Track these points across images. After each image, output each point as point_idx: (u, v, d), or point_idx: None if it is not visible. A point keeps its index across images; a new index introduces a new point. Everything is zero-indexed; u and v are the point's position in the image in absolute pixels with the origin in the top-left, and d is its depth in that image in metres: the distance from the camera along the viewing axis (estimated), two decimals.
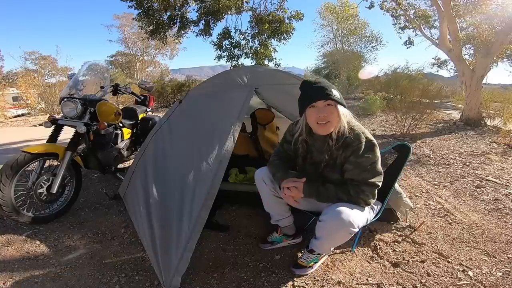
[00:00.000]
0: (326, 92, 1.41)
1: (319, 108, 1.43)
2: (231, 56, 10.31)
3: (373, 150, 1.46)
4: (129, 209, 2.17)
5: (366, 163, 1.45)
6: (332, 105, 1.42)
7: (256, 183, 1.76)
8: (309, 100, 1.45)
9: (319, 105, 1.43)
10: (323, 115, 1.42)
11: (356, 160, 1.45)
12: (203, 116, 2.17)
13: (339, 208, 1.43)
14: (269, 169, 1.72)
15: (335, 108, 1.42)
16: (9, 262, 1.76)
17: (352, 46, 20.56)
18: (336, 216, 1.41)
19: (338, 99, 1.42)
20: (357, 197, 1.46)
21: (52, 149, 2.20)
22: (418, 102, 5.82)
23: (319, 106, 1.43)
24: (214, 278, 1.61)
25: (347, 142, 1.46)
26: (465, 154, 4.22)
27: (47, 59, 24.41)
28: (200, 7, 8.96)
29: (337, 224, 1.42)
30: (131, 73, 27.65)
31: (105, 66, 3.28)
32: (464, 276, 1.63)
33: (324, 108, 1.42)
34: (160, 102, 12.26)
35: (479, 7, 7.62)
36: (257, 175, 1.74)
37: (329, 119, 1.43)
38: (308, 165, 1.63)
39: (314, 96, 1.43)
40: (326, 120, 1.43)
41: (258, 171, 1.76)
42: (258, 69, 3.10)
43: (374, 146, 1.47)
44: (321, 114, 1.42)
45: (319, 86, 1.44)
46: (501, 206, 2.51)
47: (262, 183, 1.70)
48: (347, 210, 1.41)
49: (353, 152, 1.45)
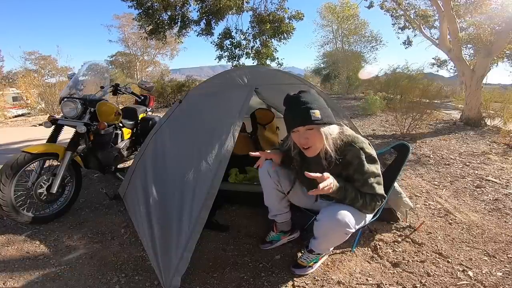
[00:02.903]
0: (305, 117, 1.35)
1: (300, 133, 1.40)
2: (232, 56, 10.31)
3: (375, 163, 1.44)
4: (129, 209, 2.17)
5: (373, 176, 1.42)
6: (313, 129, 1.37)
7: (259, 176, 1.74)
8: (289, 125, 1.44)
9: (300, 130, 1.39)
10: (303, 140, 1.39)
11: (363, 177, 1.41)
12: (203, 116, 2.17)
13: (336, 208, 1.43)
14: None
15: (317, 132, 1.37)
16: (9, 262, 1.76)
17: (352, 46, 20.54)
18: (332, 216, 1.41)
19: (319, 121, 1.35)
20: (369, 205, 1.43)
21: (52, 149, 2.20)
22: (418, 102, 5.83)
23: (300, 131, 1.40)
24: (214, 278, 1.61)
25: (346, 161, 1.41)
26: (465, 154, 4.21)
27: (47, 59, 24.43)
28: (201, 7, 8.97)
29: (333, 224, 1.42)
30: (131, 73, 27.66)
31: (105, 66, 3.28)
32: (464, 276, 1.63)
33: (305, 133, 1.38)
34: (160, 102, 12.26)
35: (479, 7, 7.62)
36: (262, 169, 1.71)
37: (310, 144, 1.39)
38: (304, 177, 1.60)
39: (294, 121, 1.40)
40: (307, 145, 1.40)
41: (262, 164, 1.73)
42: (258, 69, 3.11)
43: (375, 159, 1.44)
44: (302, 140, 1.40)
45: (300, 108, 1.37)
46: (501, 206, 2.51)
47: (267, 175, 1.68)
48: (343, 211, 1.41)
49: (355, 171, 1.41)
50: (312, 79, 20.86)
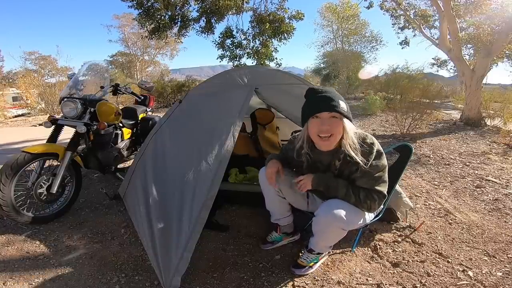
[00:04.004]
0: (332, 103, 1.32)
1: (323, 119, 1.34)
2: (233, 56, 10.32)
3: (381, 158, 1.42)
4: (129, 209, 2.17)
5: (375, 172, 1.40)
6: (337, 117, 1.33)
7: (260, 181, 1.74)
8: (313, 109, 1.36)
9: (323, 116, 1.34)
10: (326, 127, 1.33)
11: (366, 169, 1.38)
12: (203, 116, 2.17)
13: (333, 204, 1.42)
14: (266, 161, 1.70)
15: (340, 121, 1.33)
16: (9, 262, 1.76)
17: (352, 46, 20.54)
18: (328, 211, 1.41)
19: (345, 112, 1.33)
20: (364, 202, 1.40)
21: (52, 149, 2.20)
22: (418, 102, 5.83)
23: (323, 117, 1.34)
24: (214, 278, 1.61)
25: (363, 152, 1.38)
26: (465, 154, 4.22)
27: (47, 59, 24.43)
28: (201, 6, 8.97)
29: (329, 219, 1.42)
30: (131, 73, 27.65)
31: (105, 66, 3.28)
32: (464, 276, 1.63)
33: (328, 120, 1.33)
34: (160, 102, 12.25)
35: (479, 7, 7.62)
36: (262, 174, 1.71)
37: (333, 132, 1.34)
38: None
39: (319, 106, 1.34)
40: (329, 132, 1.34)
41: (262, 170, 1.73)
42: (258, 69, 3.11)
43: (382, 154, 1.43)
44: (324, 126, 1.33)
45: (326, 96, 1.35)
46: (501, 206, 2.51)
47: (267, 181, 1.69)
48: (340, 206, 1.41)
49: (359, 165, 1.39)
50: (312, 79, 20.85)
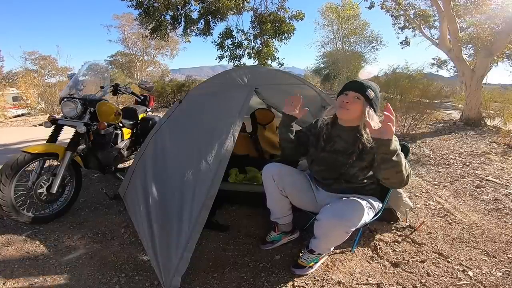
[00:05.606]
0: (361, 87, 1.48)
1: (348, 97, 1.51)
2: (233, 56, 10.31)
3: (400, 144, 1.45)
4: (129, 209, 2.17)
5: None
6: (360, 99, 1.47)
7: (263, 179, 1.74)
8: (344, 88, 1.56)
9: (349, 94, 1.50)
10: (346, 100, 1.49)
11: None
12: (203, 116, 2.17)
13: (336, 207, 1.44)
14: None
15: (360, 104, 1.47)
16: (9, 262, 1.76)
17: (352, 46, 20.56)
18: (332, 215, 1.42)
19: (370, 98, 1.47)
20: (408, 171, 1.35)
21: (52, 149, 2.20)
22: (418, 102, 5.82)
23: (349, 95, 1.51)
24: (214, 278, 1.61)
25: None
26: (465, 154, 4.22)
27: (47, 59, 24.46)
28: (202, 7, 8.97)
29: (333, 223, 1.42)
30: (131, 73, 27.66)
31: (105, 66, 3.28)
32: (464, 276, 1.63)
33: (351, 97, 1.49)
34: (160, 102, 12.24)
35: (479, 7, 7.62)
36: (266, 171, 1.72)
37: (350, 108, 1.48)
38: (326, 153, 1.61)
39: (350, 85, 1.54)
40: (347, 106, 1.49)
41: (267, 167, 1.74)
42: (258, 69, 3.10)
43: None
44: (345, 99, 1.50)
45: (359, 81, 1.52)
46: (501, 206, 2.51)
47: (271, 180, 1.69)
48: (343, 209, 1.42)
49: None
50: (312, 79, 20.87)
